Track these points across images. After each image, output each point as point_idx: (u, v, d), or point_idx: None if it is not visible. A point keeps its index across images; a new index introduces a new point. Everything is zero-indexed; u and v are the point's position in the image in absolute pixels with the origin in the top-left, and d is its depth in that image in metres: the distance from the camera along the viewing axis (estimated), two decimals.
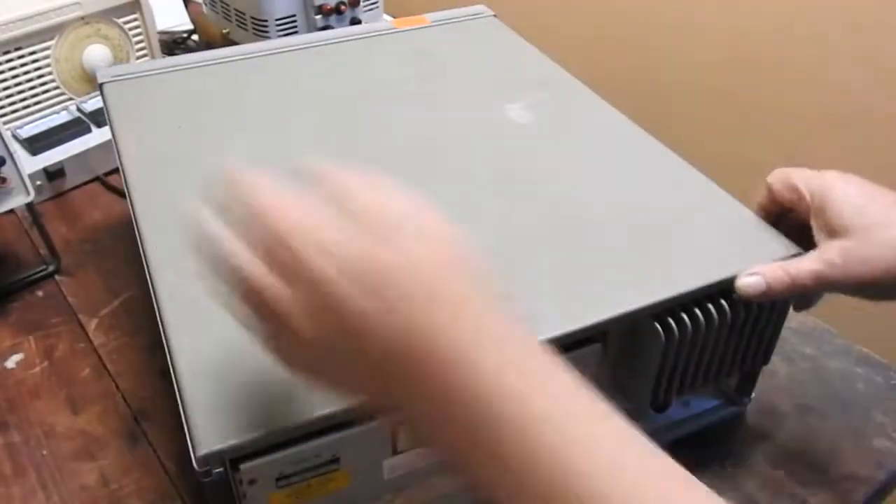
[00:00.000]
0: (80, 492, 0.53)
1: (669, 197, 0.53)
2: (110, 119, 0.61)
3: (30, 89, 0.80)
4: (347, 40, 0.72)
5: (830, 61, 1.02)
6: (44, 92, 0.81)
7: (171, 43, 1.03)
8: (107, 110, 0.62)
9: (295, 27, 0.88)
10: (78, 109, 0.83)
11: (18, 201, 0.64)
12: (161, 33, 0.96)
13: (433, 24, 0.75)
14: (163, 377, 0.60)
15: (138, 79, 0.66)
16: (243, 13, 0.88)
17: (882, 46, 0.96)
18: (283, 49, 0.70)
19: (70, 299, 0.68)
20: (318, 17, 0.88)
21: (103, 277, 0.70)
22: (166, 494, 0.53)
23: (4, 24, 0.75)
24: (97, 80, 0.66)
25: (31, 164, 0.76)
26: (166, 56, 0.97)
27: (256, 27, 0.88)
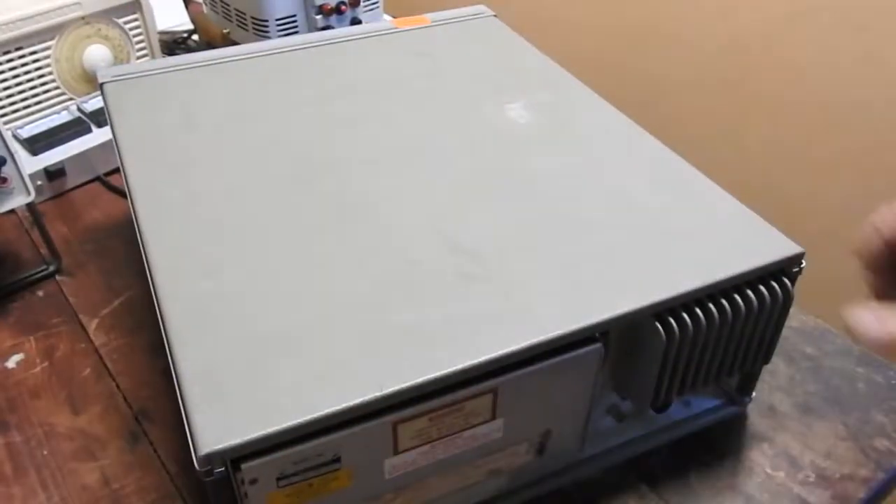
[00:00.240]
0: (81, 492, 0.53)
1: (669, 197, 0.53)
2: (111, 119, 0.61)
3: (30, 89, 0.80)
4: (348, 40, 0.72)
5: (830, 61, 1.02)
6: (44, 92, 0.81)
7: (172, 43, 1.03)
8: (107, 110, 0.63)
9: (295, 27, 0.88)
10: (78, 109, 0.83)
11: (19, 201, 0.65)
12: (161, 33, 0.97)
13: (433, 24, 0.75)
14: (164, 377, 0.60)
15: (139, 79, 0.66)
16: (244, 13, 0.89)
17: (882, 46, 0.96)
18: (284, 49, 0.71)
19: (71, 299, 0.68)
20: (319, 17, 0.88)
21: (104, 277, 0.70)
22: (167, 494, 0.53)
23: (5, 24, 0.75)
24: (98, 80, 0.66)
25: (32, 164, 0.77)
26: (167, 56, 0.98)
27: (257, 27, 0.88)
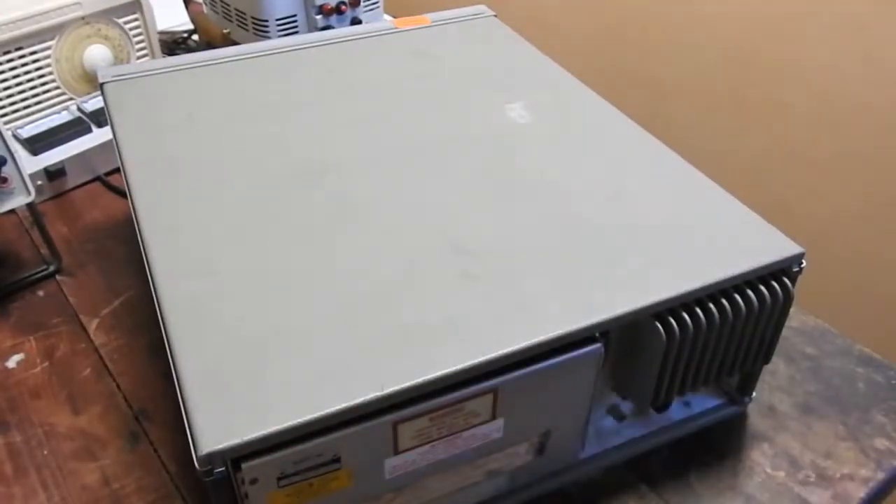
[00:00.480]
0: (82, 491, 0.53)
1: (670, 197, 0.53)
2: (111, 119, 0.61)
3: (30, 89, 0.80)
4: (348, 40, 0.73)
5: (830, 61, 1.02)
6: (44, 92, 0.81)
7: (172, 43, 1.03)
8: (108, 110, 0.63)
9: (295, 27, 0.89)
10: (78, 109, 0.83)
11: (19, 201, 0.65)
12: (161, 33, 0.97)
13: (433, 24, 0.75)
14: (164, 377, 0.60)
15: (139, 79, 0.66)
16: (244, 13, 0.89)
17: (882, 46, 0.96)
18: (284, 49, 0.71)
19: (71, 299, 0.68)
20: (319, 17, 0.88)
21: (104, 277, 0.70)
22: (167, 494, 0.53)
23: (5, 24, 0.75)
24: (98, 80, 0.66)
25: (32, 164, 0.77)
26: (167, 56, 0.98)
27: (257, 27, 0.88)
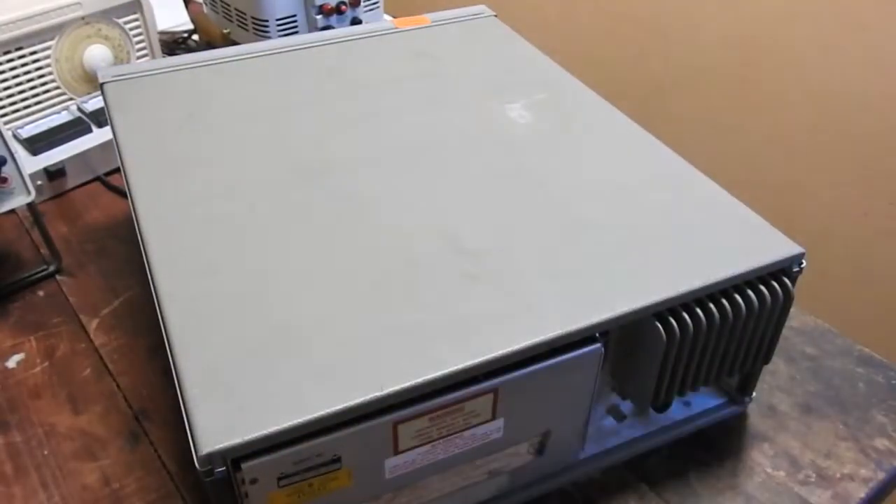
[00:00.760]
0: (82, 491, 0.53)
1: (670, 196, 0.53)
2: (111, 119, 0.61)
3: (30, 89, 0.80)
4: (348, 40, 0.72)
5: (830, 61, 1.02)
6: (44, 92, 0.81)
7: (172, 43, 1.03)
8: (108, 110, 0.63)
9: (295, 27, 0.89)
10: (78, 109, 0.83)
11: (19, 201, 0.65)
12: (161, 33, 0.97)
13: (434, 24, 0.75)
14: (164, 377, 0.60)
15: (139, 79, 0.66)
16: (244, 13, 0.89)
17: (882, 46, 0.96)
18: (284, 49, 0.71)
19: (71, 299, 0.68)
20: (319, 17, 0.88)
21: (104, 277, 0.70)
22: (168, 494, 0.53)
23: (5, 24, 0.75)
24: (98, 80, 0.66)
25: (32, 164, 0.77)
26: (167, 56, 0.98)
27: (257, 27, 0.88)
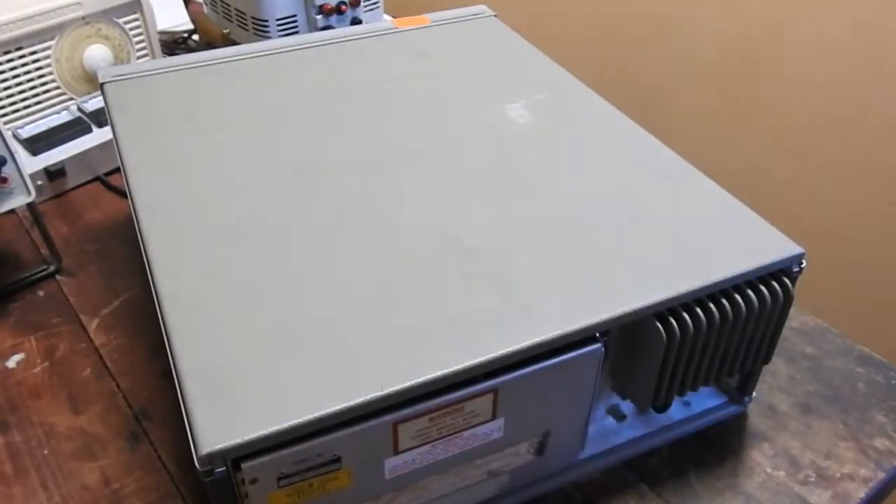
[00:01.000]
0: (82, 491, 0.53)
1: (670, 196, 0.53)
2: (111, 119, 0.61)
3: (30, 89, 0.80)
4: (348, 40, 0.72)
5: (830, 61, 1.02)
6: (44, 92, 0.81)
7: (172, 43, 1.03)
8: (108, 110, 0.63)
9: (295, 27, 0.88)
10: (79, 109, 0.83)
11: (19, 201, 0.65)
12: (161, 33, 0.97)
13: (433, 24, 0.75)
14: (164, 377, 0.60)
15: (139, 78, 0.66)
16: (244, 13, 0.89)
17: (882, 46, 0.96)
18: (284, 49, 0.71)
19: (71, 299, 0.68)
20: (319, 17, 0.88)
21: (104, 277, 0.70)
22: (168, 494, 0.53)
23: (5, 24, 0.75)
24: (98, 80, 0.66)
25: (32, 164, 0.77)
26: (167, 56, 0.98)
27: (257, 27, 0.88)
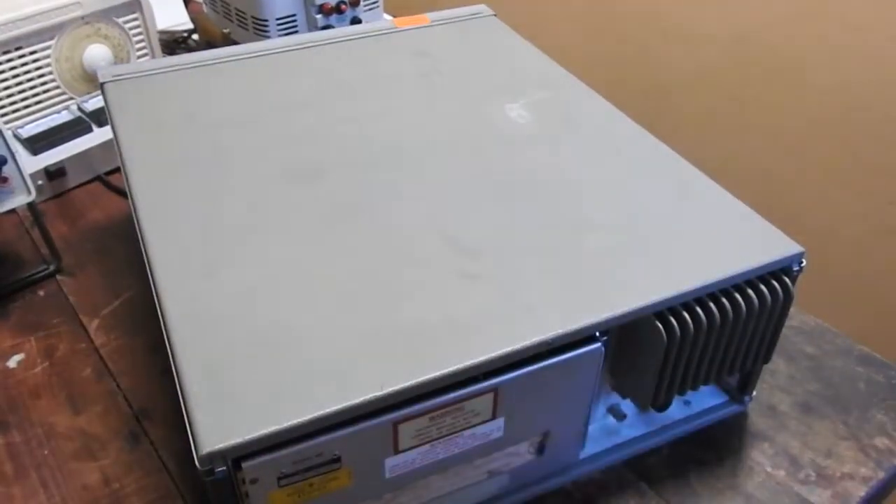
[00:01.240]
0: (82, 491, 0.53)
1: (669, 195, 0.53)
2: (111, 118, 0.61)
3: (30, 89, 0.80)
4: (348, 40, 0.72)
5: (830, 61, 1.02)
6: (44, 91, 0.81)
7: (172, 42, 1.03)
8: (108, 110, 0.63)
9: (295, 27, 0.89)
10: (79, 109, 0.83)
11: (19, 201, 0.65)
12: (161, 33, 0.97)
13: (433, 24, 0.75)
14: (164, 377, 0.60)
15: (139, 78, 0.66)
16: (244, 13, 0.89)
17: (882, 46, 0.96)
18: (284, 49, 0.71)
19: (71, 299, 0.68)
20: (319, 17, 0.88)
21: (104, 277, 0.70)
22: (168, 494, 0.53)
23: (4, 24, 0.75)
24: (98, 80, 0.66)
25: (32, 164, 0.77)
26: (167, 55, 0.98)
27: (257, 27, 0.88)
